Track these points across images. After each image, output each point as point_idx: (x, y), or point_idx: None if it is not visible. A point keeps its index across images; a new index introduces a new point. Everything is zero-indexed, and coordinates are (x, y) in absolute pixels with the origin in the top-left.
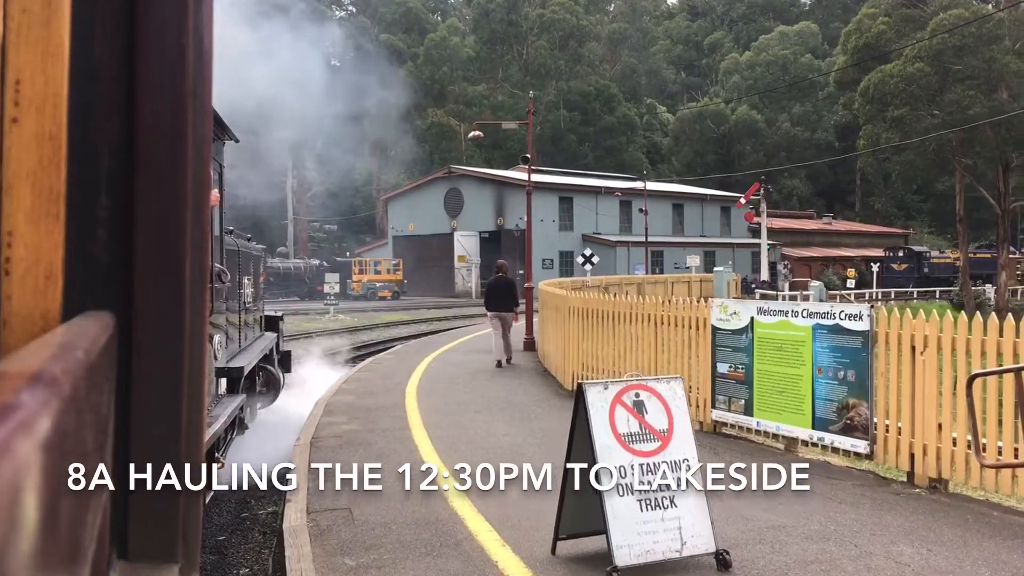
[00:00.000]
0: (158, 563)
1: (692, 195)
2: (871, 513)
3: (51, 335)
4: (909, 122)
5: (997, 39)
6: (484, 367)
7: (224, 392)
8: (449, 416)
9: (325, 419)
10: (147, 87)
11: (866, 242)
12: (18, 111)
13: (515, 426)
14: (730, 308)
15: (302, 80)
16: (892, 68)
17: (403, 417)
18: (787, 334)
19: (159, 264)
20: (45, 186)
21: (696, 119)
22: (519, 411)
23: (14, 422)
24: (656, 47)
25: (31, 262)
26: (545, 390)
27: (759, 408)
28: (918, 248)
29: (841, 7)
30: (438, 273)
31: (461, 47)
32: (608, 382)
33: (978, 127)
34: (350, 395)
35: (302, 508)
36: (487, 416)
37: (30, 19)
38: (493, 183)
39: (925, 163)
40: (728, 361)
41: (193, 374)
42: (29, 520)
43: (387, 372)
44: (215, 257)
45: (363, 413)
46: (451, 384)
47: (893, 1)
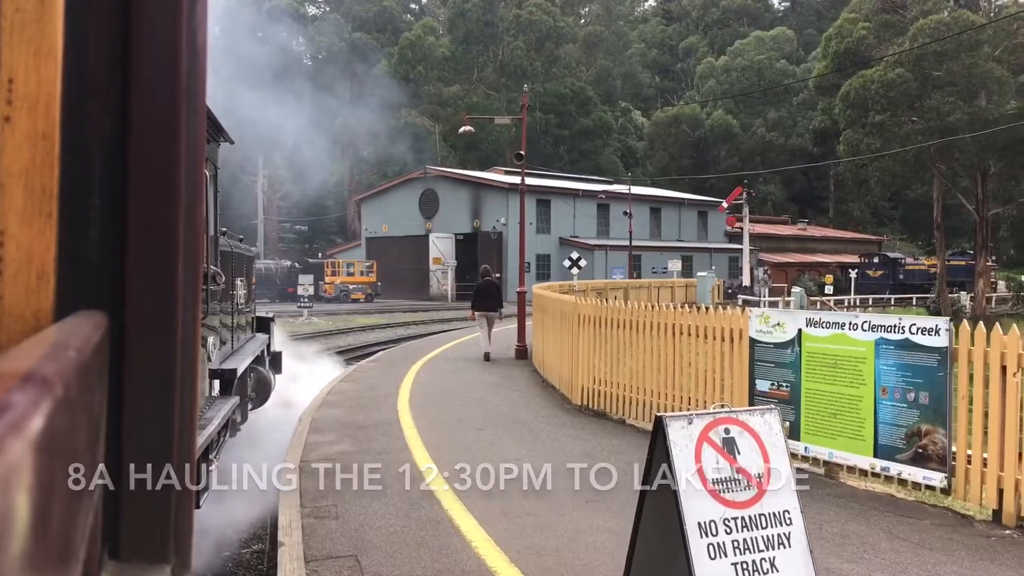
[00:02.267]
0: (150, 563)
1: (670, 199)
2: (973, 565)
3: (43, 335)
4: (890, 128)
5: (977, 45)
6: (477, 377)
7: (217, 394)
8: (450, 435)
9: (312, 438)
10: (140, 87)
11: (841, 248)
12: (11, 110)
13: (526, 448)
14: (772, 319)
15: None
16: (873, 73)
17: (399, 435)
18: (843, 349)
19: (152, 264)
20: (38, 185)
21: (672, 123)
22: (527, 430)
23: (6, 422)
24: (631, 50)
25: (23, 261)
26: (549, 405)
27: (808, 432)
28: (893, 254)
29: (815, 14)
30: (413, 275)
31: (436, 46)
32: (692, 415)
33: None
34: (337, 408)
35: (298, 555)
36: (492, 435)
37: (23, 18)
38: (470, 184)
39: (904, 169)
40: (770, 378)
41: (186, 374)
42: (20, 520)
43: (373, 382)
44: (209, 258)
45: (354, 431)
46: (446, 397)
47: (873, 7)
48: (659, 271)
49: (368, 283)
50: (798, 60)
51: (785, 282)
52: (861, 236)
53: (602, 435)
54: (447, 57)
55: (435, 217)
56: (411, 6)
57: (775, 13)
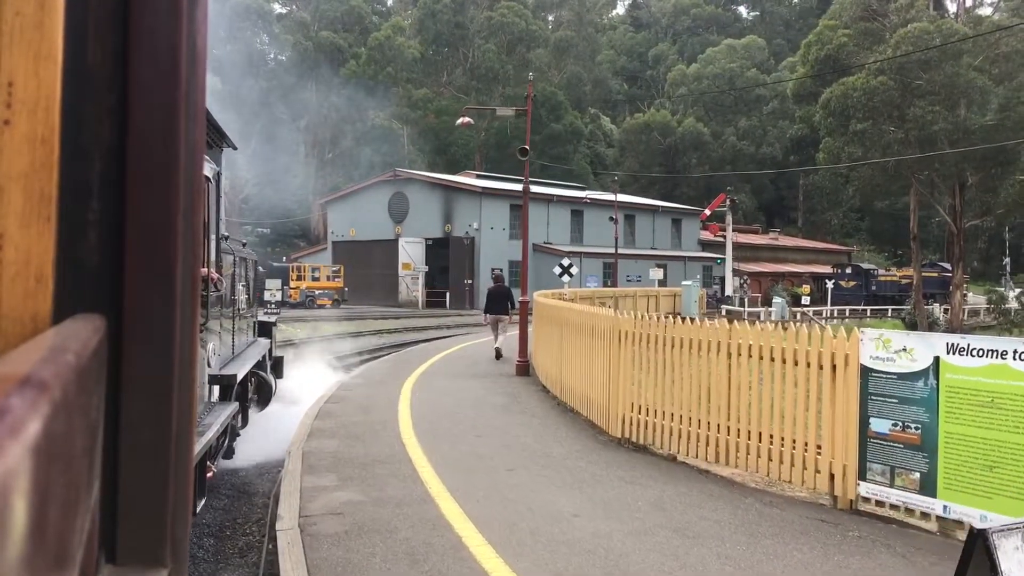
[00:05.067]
0: (146, 567)
1: (644, 206)
2: None
3: (41, 338)
4: (871, 136)
5: (959, 54)
6: (481, 397)
7: (217, 399)
8: (476, 476)
9: (309, 480)
10: (140, 90)
11: (812, 258)
12: (10, 113)
13: (575, 497)
14: (895, 343)
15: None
16: (855, 81)
17: (414, 476)
18: (1005, 384)
19: (150, 268)
20: (36, 189)
21: (642, 130)
22: (567, 471)
23: (3, 425)
24: (600, 56)
25: (21, 265)
26: (579, 435)
27: (948, 486)
28: (866, 265)
29: (784, 24)
30: (381, 281)
31: (406, 47)
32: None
33: (937, 144)
34: (330, 439)
35: None
36: (528, 479)
37: (23, 21)
38: (441, 188)
39: (885, 179)
40: (892, 417)
41: (183, 378)
42: (18, 524)
43: (364, 403)
44: (210, 263)
45: (358, 471)
46: (453, 423)
47: (853, 14)
48: (633, 279)
49: (335, 288)
50: (768, 69)
51: (759, 292)
52: (831, 246)
53: (660, 478)
54: (416, 59)
55: (405, 221)
56: (378, 7)
57: (744, 23)
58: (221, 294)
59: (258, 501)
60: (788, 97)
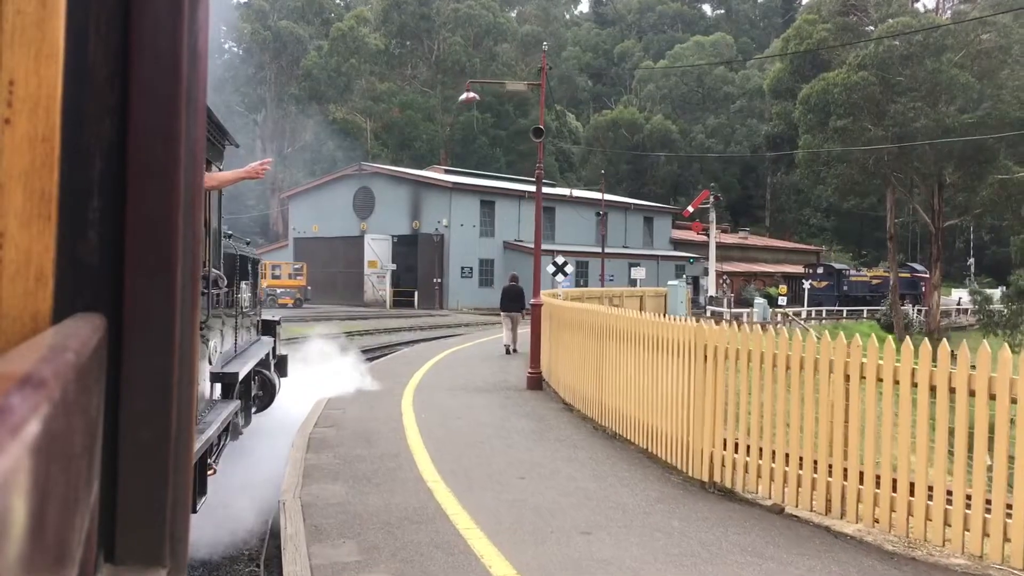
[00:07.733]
0: (145, 566)
1: (615, 204)
2: None
3: (41, 337)
4: (851, 133)
5: (943, 50)
6: (502, 420)
7: (219, 398)
8: (548, 548)
9: (319, 552)
10: (140, 89)
11: (781, 258)
12: (11, 112)
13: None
14: None
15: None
16: (835, 76)
17: (464, 548)
18: None
19: (150, 266)
20: (37, 188)
21: (610, 127)
22: (662, 534)
23: (3, 425)
24: (566, 52)
25: (21, 263)
26: (647, 476)
27: None
28: (838, 265)
29: (748, 22)
30: (346, 279)
31: (369, 38)
32: None
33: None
34: (333, 482)
35: None
36: (616, 548)
37: (24, 20)
38: (409, 183)
39: (864, 177)
40: None
41: (184, 376)
42: (17, 523)
43: (362, 429)
44: (212, 261)
45: (383, 536)
46: (484, 459)
47: (832, 9)
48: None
49: (297, 287)
50: (736, 67)
51: (732, 291)
52: (800, 246)
53: (787, 546)
54: (380, 51)
55: (371, 217)
56: None
57: (709, 20)
58: (223, 292)
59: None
60: (756, 96)
